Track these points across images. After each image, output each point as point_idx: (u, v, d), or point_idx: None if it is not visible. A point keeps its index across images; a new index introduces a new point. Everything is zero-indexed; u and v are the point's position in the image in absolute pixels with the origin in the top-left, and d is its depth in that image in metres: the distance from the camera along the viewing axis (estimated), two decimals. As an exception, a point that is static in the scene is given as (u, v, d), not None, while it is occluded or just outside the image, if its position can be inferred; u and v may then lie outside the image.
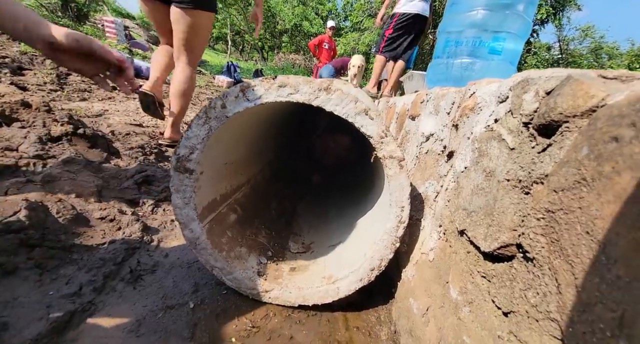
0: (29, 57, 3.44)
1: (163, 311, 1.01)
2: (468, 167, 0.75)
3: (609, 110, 0.34)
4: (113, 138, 2.14)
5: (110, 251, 1.22)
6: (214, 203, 1.21)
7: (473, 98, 0.81)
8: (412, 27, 2.89)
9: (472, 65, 1.69)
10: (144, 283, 1.13)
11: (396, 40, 2.99)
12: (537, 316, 0.45)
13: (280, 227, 1.68)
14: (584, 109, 0.39)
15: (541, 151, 0.48)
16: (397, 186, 0.96)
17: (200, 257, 1.08)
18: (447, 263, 0.79)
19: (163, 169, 1.99)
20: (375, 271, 1.05)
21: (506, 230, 0.53)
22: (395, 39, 2.99)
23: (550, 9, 10.16)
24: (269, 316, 1.08)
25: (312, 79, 0.90)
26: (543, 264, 0.44)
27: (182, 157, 0.97)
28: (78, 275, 1.07)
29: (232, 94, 0.91)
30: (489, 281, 0.59)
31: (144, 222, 1.42)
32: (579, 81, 0.41)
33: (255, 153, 1.73)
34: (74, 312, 0.93)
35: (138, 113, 3.11)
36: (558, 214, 0.40)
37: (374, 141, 0.93)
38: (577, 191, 0.37)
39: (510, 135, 0.58)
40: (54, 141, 1.68)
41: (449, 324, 0.70)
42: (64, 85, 3.18)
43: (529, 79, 0.54)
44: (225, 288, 1.16)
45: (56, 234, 1.19)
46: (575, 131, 0.41)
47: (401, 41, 2.99)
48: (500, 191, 0.58)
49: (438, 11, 10.11)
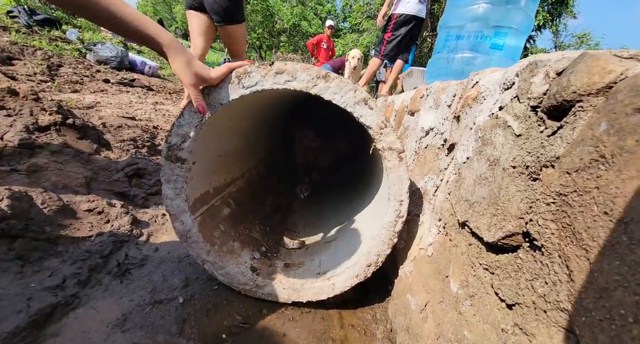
0: (19, 47, 3.35)
1: (151, 305, 0.97)
2: (470, 157, 0.72)
3: (633, 81, 0.32)
4: (104, 130, 2.09)
5: (97, 243, 1.17)
6: (206, 196, 1.18)
7: (476, 88, 0.79)
8: (408, 27, 2.93)
9: (473, 60, 1.68)
10: (131, 277, 1.08)
11: (394, 42, 3.03)
12: (545, 306, 0.43)
13: (275, 222, 1.64)
14: (600, 85, 0.37)
15: (551, 134, 0.46)
16: (396, 179, 0.93)
17: (191, 250, 1.04)
18: (447, 257, 0.76)
19: (155, 163, 1.94)
20: (372, 267, 1.02)
21: (512, 218, 0.51)
22: (394, 40, 3.03)
23: (548, 14, 10.30)
24: (261, 312, 1.05)
25: (310, 66, 0.87)
26: (552, 252, 0.42)
27: (173, 145, 0.93)
28: (62, 268, 1.03)
29: (227, 81, 0.88)
30: (492, 273, 0.57)
31: (133, 216, 1.38)
32: (594, 57, 0.38)
33: (250, 146, 1.70)
34: (56, 305, 0.89)
35: (131, 106, 3.05)
36: (571, 196, 0.38)
37: (373, 132, 0.91)
38: (593, 170, 0.34)
39: (517, 121, 0.56)
40: (41, 130, 1.63)
41: (449, 320, 0.68)
42: (54, 76, 3.11)
43: (538, 62, 0.52)
44: (216, 283, 1.12)
45: (40, 225, 1.14)
46: (590, 109, 0.39)
47: (399, 42, 3.02)
48: (506, 179, 0.55)
49: (437, 14, 10.18)
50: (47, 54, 3.54)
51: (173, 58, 0.75)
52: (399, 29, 2.96)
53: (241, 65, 0.87)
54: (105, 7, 0.64)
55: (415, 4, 2.85)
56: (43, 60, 3.27)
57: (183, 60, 0.76)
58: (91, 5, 0.62)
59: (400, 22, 2.93)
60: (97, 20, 0.66)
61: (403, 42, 3.02)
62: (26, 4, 5.25)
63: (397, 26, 2.95)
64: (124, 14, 0.66)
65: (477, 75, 0.83)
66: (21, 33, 4.04)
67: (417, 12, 2.87)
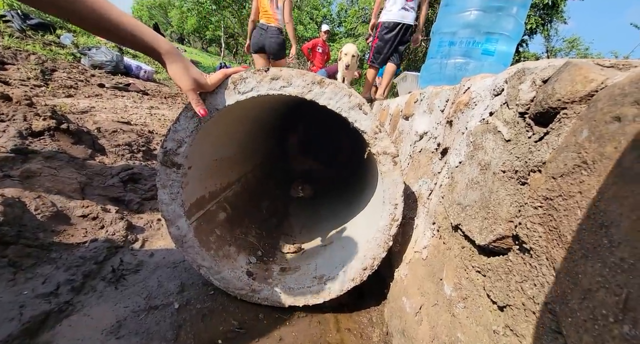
0: (13, 52, 3.33)
1: (146, 311, 0.97)
2: (463, 161, 0.74)
3: (611, 90, 0.33)
4: (99, 135, 2.08)
5: (92, 249, 1.16)
6: (202, 200, 1.18)
7: (467, 93, 0.80)
8: (393, 33, 3.11)
9: (465, 66, 1.71)
10: (126, 283, 1.08)
11: (382, 49, 3.21)
12: (534, 308, 0.44)
13: (271, 227, 1.64)
14: (582, 93, 0.39)
15: (538, 140, 0.47)
16: (391, 183, 0.95)
17: (186, 255, 1.03)
18: (441, 259, 0.77)
19: (150, 168, 1.93)
20: (368, 271, 1.03)
21: (502, 222, 0.52)
22: (382, 48, 3.20)
23: (539, 19, 10.47)
24: (257, 317, 1.05)
25: (305, 71, 0.88)
26: (540, 254, 0.43)
27: (169, 150, 0.94)
28: (56, 274, 1.02)
29: (223, 87, 0.89)
30: (484, 276, 0.58)
31: (128, 221, 1.37)
32: (577, 66, 0.40)
33: (246, 151, 1.70)
34: (50, 312, 0.88)
35: (126, 111, 3.03)
36: (557, 200, 0.39)
37: (368, 137, 0.92)
38: (577, 175, 0.36)
39: (506, 126, 0.57)
40: (35, 135, 1.62)
41: (443, 322, 0.69)
42: (48, 81, 3.09)
43: (525, 69, 0.53)
44: (212, 288, 1.12)
45: (34, 231, 1.13)
46: (574, 116, 0.40)
47: (387, 49, 3.20)
48: (496, 183, 0.57)
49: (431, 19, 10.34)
50: (40, 59, 3.52)
51: (171, 64, 0.76)
52: (384, 37, 3.13)
53: (237, 71, 0.88)
54: (97, 11, 0.61)
55: (398, 11, 3.01)
56: (37, 65, 3.25)
57: (181, 66, 0.76)
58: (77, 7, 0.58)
59: (386, 30, 3.11)
60: (85, 23, 0.62)
61: (391, 47, 3.17)
62: (19, 8, 5.22)
63: (383, 34, 3.13)
64: (120, 21, 0.65)
65: (468, 81, 0.85)
66: (14, 37, 4.01)
67: (401, 19, 3.02)
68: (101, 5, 0.61)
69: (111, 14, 0.63)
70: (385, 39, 3.11)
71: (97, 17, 0.61)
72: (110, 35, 0.66)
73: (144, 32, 0.70)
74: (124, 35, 0.67)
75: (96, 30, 0.64)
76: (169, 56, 0.74)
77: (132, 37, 0.68)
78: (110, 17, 0.63)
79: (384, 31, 3.10)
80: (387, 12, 3.07)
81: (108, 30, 0.65)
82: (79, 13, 0.59)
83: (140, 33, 0.69)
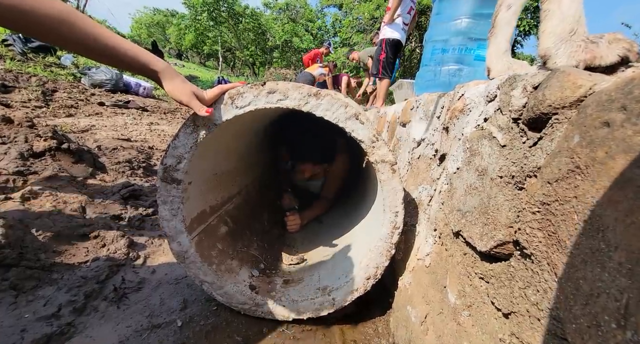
0: (14, 74, 3.39)
1: (149, 330, 0.96)
2: (460, 167, 0.74)
3: (598, 96, 0.34)
4: (99, 153, 2.10)
5: (93, 269, 1.16)
6: (203, 215, 1.18)
7: (462, 100, 0.81)
8: (396, 50, 3.66)
9: (459, 72, 1.73)
10: (128, 302, 1.07)
11: (390, 61, 3.71)
12: (538, 314, 0.44)
13: (273, 239, 1.64)
14: (572, 99, 0.39)
15: (532, 145, 0.48)
16: (390, 191, 0.95)
17: (188, 271, 1.03)
18: (444, 266, 0.77)
19: (151, 184, 1.94)
20: (372, 280, 1.02)
21: (502, 227, 0.52)
22: (390, 59, 3.70)
23: (532, 21, 10.64)
24: (261, 332, 1.03)
25: (301, 84, 0.89)
26: (541, 260, 0.43)
27: (169, 167, 0.94)
28: (57, 295, 1.01)
29: (220, 102, 0.90)
30: (488, 282, 0.58)
31: (129, 238, 1.37)
32: (565, 73, 0.41)
33: (246, 164, 1.71)
34: (51, 335, 0.87)
35: (126, 128, 3.07)
36: (553, 205, 0.39)
37: (365, 146, 0.93)
38: (571, 180, 0.36)
39: (501, 132, 0.58)
40: (36, 156, 1.63)
41: (449, 331, 0.68)
42: (49, 101, 3.14)
43: (516, 76, 0.54)
44: (215, 304, 1.10)
45: (35, 253, 1.12)
46: (565, 122, 0.41)
47: (392, 62, 3.72)
48: (494, 189, 0.57)
49: (424, 26, 10.53)
50: (41, 80, 3.58)
51: (169, 81, 0.77)
52: (389, 51, 3.61)
53: (233, 86, 0.90)
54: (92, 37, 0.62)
55: (399, 31, 3.55)
56: (38, 87, 3.31)
57: (178, 81, 0.79)
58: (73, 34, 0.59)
59: (392, 46, 3.58)
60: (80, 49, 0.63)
61: (393, 61, 3.70)
62: (21, 31, 5.33)
63: (388, 48, 3.59)
64: (115, 44, 0.67)
65: (462, 88, 0.86)
66: (16, 61, 4.09)
67: (401, 38, 3.58)
68: (97, 31, 0.63)
69: (107, 39, 0.65)
70: (391, 53, 3.62)
71: (93, 42, 0.63)
72: (107, 59, 0.68)
73: (138, 54, 0.72)
74: (121, 59, 0.69)
75: (93, 55, 0.66)
76: (165, 74, 0.76)
77: (128, 59, 0.70)
78: (107, 41, 0.65)
79: (389, 46, 3.60)
80: (392, 31, 3.56)
81: (104, 54, 0.66)
82: (75, 40, 0.61)
83: (135, 55, 0.71)
